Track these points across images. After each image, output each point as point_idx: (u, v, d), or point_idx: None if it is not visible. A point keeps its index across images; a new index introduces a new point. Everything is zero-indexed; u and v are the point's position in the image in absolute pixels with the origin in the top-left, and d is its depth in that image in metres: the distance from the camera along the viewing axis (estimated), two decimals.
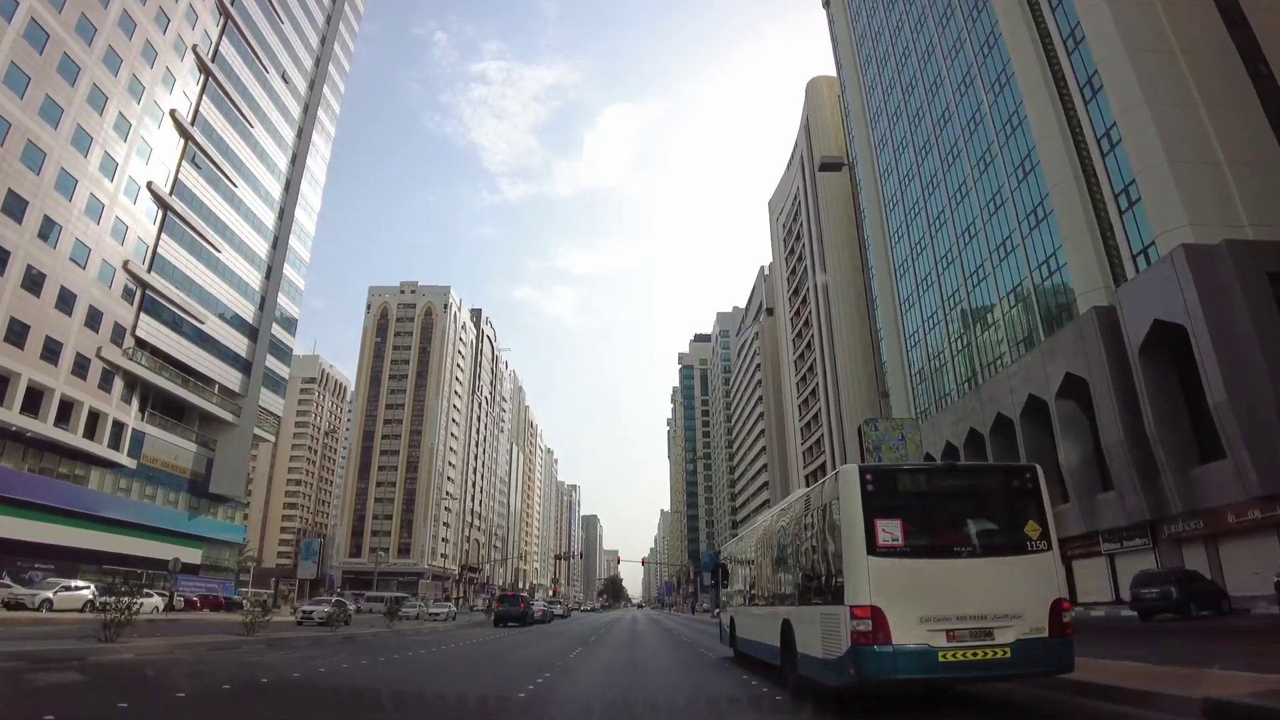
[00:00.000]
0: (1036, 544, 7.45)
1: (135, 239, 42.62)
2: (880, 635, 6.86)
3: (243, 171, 53.78)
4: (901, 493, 7.73)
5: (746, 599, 13.74)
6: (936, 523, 7.64)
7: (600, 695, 9.63)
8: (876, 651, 6.85)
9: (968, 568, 7.28)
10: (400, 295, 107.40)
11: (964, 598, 7.08)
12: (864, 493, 7.39)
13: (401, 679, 10.46)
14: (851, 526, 7.32)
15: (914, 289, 44.09)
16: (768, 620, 10.84)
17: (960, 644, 6.92)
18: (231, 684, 9.57)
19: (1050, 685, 8.19)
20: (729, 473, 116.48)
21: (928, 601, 7.03)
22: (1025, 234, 32.35)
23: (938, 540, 7.44)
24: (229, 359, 51.92)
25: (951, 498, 7.89)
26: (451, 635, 24.26)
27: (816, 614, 8.16)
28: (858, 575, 7.12)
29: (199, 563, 48.72)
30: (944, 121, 40.05)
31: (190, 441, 48.82)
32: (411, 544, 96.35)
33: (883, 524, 7.23)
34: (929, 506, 7.75)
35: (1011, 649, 6.92)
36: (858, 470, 7.61)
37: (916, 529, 7.36)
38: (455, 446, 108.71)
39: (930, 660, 6.86)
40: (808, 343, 68.76)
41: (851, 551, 7.26)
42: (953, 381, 38.79)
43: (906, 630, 6.90)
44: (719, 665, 14.01)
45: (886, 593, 6.98)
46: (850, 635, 6.99)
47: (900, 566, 7.12)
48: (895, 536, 7.21)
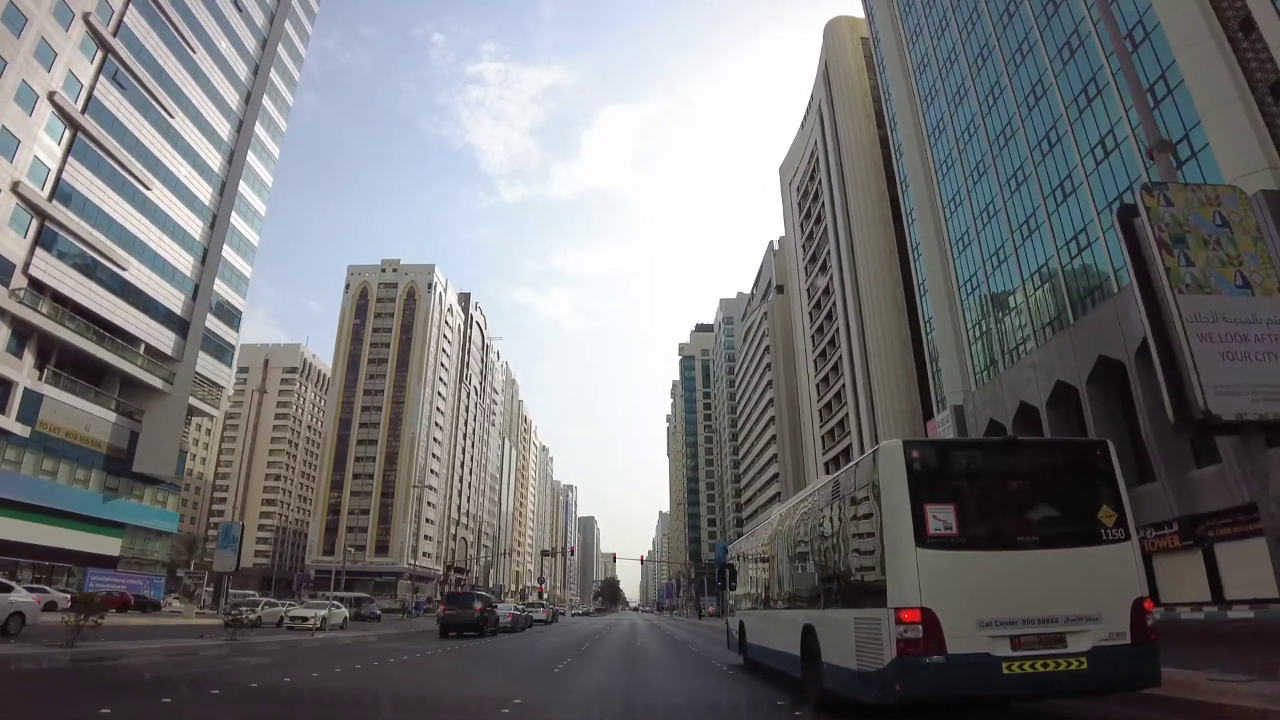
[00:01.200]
0: (1112, 532, 6.46)
1: (30, 158, 35.18)
2: (932, 643, 5.83)
3: (182, 102, 46.42)
4: (955, 472, 6.69)
5: (759, 602, 12.53)
6: (996, 508, 6.67)
7: None
8: (928, 663, 5.81)
9: (1034, 561, 6.27)
10: (381, 274, 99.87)
11: (1030, 597, 6.10)
12: (910, 472, 6.36)
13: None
14: (896, 514, 6.30)
15: (970, 225, 36.74)
16: (785, 626, 9.71)
17: (1027, 652, 5.93)
18: None
19: (1125, 701, 7.19)
20: (733, 467, 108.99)
21: (988, 602, 6.04)
22: (1134, 127, 25.08)
23: (998, 528, 6.46)
24: (160, 316, 44.42)
25: (1013, 478, 6.78)
26: (306, 659, 14.51)
27: (848, 619, 7.08)
28: (904, 572, 6.07)
29: (117, 554, 41.14)
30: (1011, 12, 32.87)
31: (108, 410, 41.26)
32: (390, 542, 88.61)
33: (934, 510, 6.21)
34: (987, 488, 6.74)
35: (1088, 658, 5.96)
36: (902, 446, 6.54)
37: (973, 515, 6.42)
38: (440, 438, 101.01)
39: (992, 673, 5.84)
40: (827, 313, 61.41)
41: (896, 544, 6.21)
42: (1029, 327, 31.40)
43: (963, 637, 5.90)
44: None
45: (939, 592, 5.96)
46: (895, 644, 5.92)
47: (955, 560, 6.12)
48: (949, 524, 6.19)
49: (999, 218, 34.20)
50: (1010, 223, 33.14)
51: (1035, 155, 31.29)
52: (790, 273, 76.85)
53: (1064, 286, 29.16)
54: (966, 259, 37.61)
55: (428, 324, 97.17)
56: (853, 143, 56.69)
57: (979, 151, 36.32)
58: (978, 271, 36.19)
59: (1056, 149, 29.78)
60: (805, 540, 9.27)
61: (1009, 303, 33.41)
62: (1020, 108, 32.42)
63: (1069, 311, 28.44)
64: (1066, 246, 29.10)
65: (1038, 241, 31.12)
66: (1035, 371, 29.66)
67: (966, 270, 37.53)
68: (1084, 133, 28.03)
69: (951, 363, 39.04)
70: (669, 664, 15.41)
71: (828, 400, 61.48)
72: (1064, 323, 28.70)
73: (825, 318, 62.07)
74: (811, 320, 65.98)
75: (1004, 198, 33.78)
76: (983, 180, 35.87)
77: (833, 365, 60.21)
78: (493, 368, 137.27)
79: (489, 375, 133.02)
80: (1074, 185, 28.60)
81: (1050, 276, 30.01)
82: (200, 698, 8.57)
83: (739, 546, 15.92)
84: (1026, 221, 31.90)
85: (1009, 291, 33.31)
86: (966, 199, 37.47)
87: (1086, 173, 27.71)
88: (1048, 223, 30.32)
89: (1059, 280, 29.43)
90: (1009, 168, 33.38)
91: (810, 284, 66.65)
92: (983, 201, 35.82)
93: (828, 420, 61.47)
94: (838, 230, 58.12)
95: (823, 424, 62.56)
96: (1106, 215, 26.46)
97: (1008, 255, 33.28)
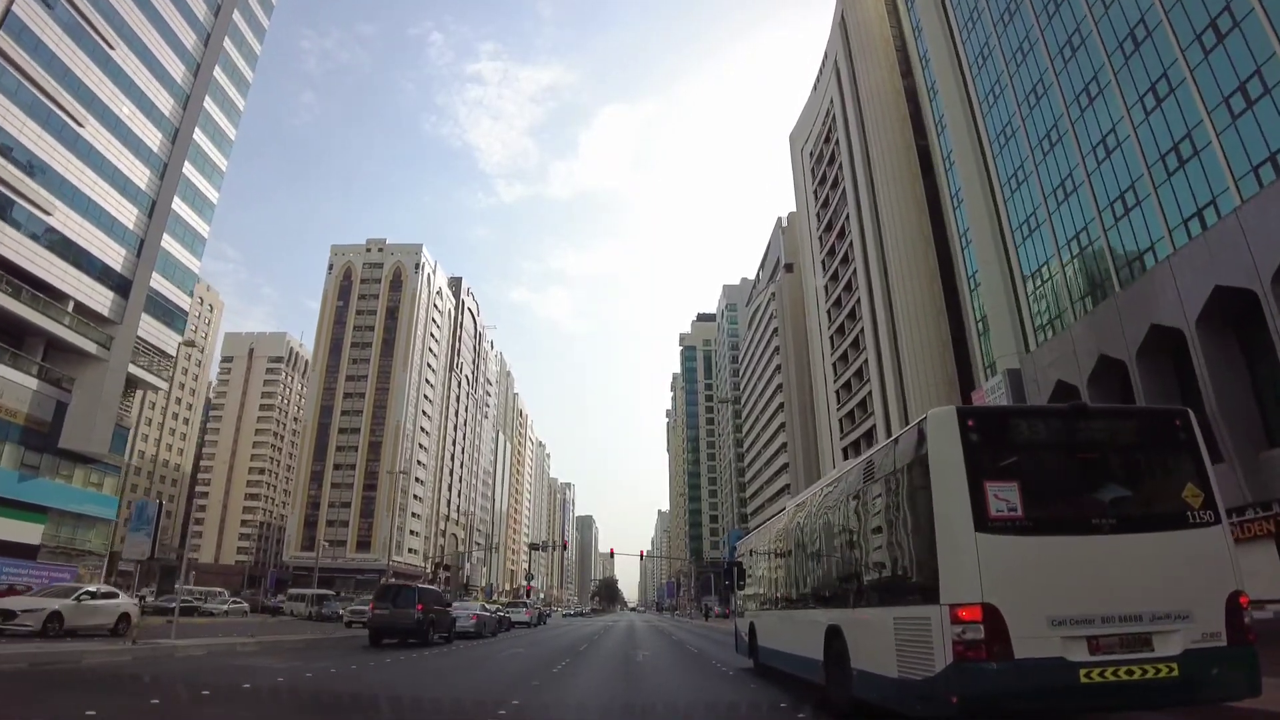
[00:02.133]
0: (1200, 514, 5.58)
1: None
2: (997, 646, 5.00)
3: (125, 33, 41.04)
4: (1018, 443, 5.78)
5: (774, 601, 11.50)
6: (1065, 485, 5.74)
7: None
8: (992, 670, 4.96)
9: (1111, 547, 5.37)
10: (366, 254, 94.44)
11: (1108, 590, 5.23)
12: (966, 444, 5.48)
13: None
14: (950, 493, 5.41)
15: (1026, 157, 31.44)
16: (805, 628, 8.91)
17: (1107, 657, 5.07)
18: None
19: (1219, 715, 6.10)
20: (737, 460, 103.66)
21: (1059, 596, 5.18)
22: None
23: (1068, 509, 5.56)
24: (95, 271, 39.04)
25: (1083, 450, 5.82)
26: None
27: (885, 619, 6.20)
28: (961, 562, 5.22)
29: (38, 542, 35.75)
30: None
31: (28, 375, 35.87)
32: (372, 537, 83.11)
33: (995, 488, 5.34)
34: (1054, 463, 5.86)
35: (1179, 664, 5.09)
36: (955, 414, 5.63)
37: (1039, 494, 5.49)
38: (428, 427, 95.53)
39: (1068, 681, 4.98)
40: (846, 284, 56.13)
41: (951, 529, 5.34)
42: (1108, 266, 26.06)
43: (1032, 638, 5.05)
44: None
45: (1003, 585, 5.11)
46: (951, 647, 5.07)
47: (1021, 547, 5.26)
48: (1013, 504, 5.32)
49: (1065, 141, 28.88)
50: (1081, 144, 27.82)
51: (1115, 59, 25.98)
52: (802, 247, 71.62)
53: (1157, 206, 23.83)
54: (1021, 198, 32.32)
55: (414, 306, 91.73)
56: (874, 94, 51.49)
57: (1037, 70, 31.02)
58: (1037, 209, 30.86)
59: (1146, 44, 24.48)
60: (831, 530, 8.35)
61: (1081, 240, 28.09)
62: (1093, 5, 27.12)
63: (1170, 237, 23.10)
64: (1163, 160, 23.79)
65: (1121, 161, 25.80)
66: (1121, 314, 24.38)
67: (1022, 210, 32.23)
68: (1184, 18, 22.76)
69: (1002, 321, 33.75)
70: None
71: (846, 379, 56.17)
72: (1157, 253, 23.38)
73: (844, 289, 56.78)
74: (827, 294, 60.68)
75: (1072, 117, 28.47)
76: (1043, 102, 30.56)
77: (852, 340, 54.91)
78: (486, 358, 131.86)
79: (482, 365, 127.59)
80: (1172, 84, 23.31)
81: (1142, 197, 24.66)
82: None
83: (749, 542, 14.79)
84: (1105, 139, 26.58)
85: (1082, 227, 27.95)
86: (1021, 128, 32.18)
87: (1192, 65, 22.41)
88: (1134, 136, 25.01)
89: (1152, 199, 24.09)
90: (1079, 80, 28.06)
91: (826, 254, 61.33)
92: (1043, 127, 30.52)
93: (846, 401, 56.14)
94: (858, 192, 52.89)
95: (840, 405, 57.22)
96: (1222, 113, 21.19)
97: (1079, 183, 27.95)
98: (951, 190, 38.73)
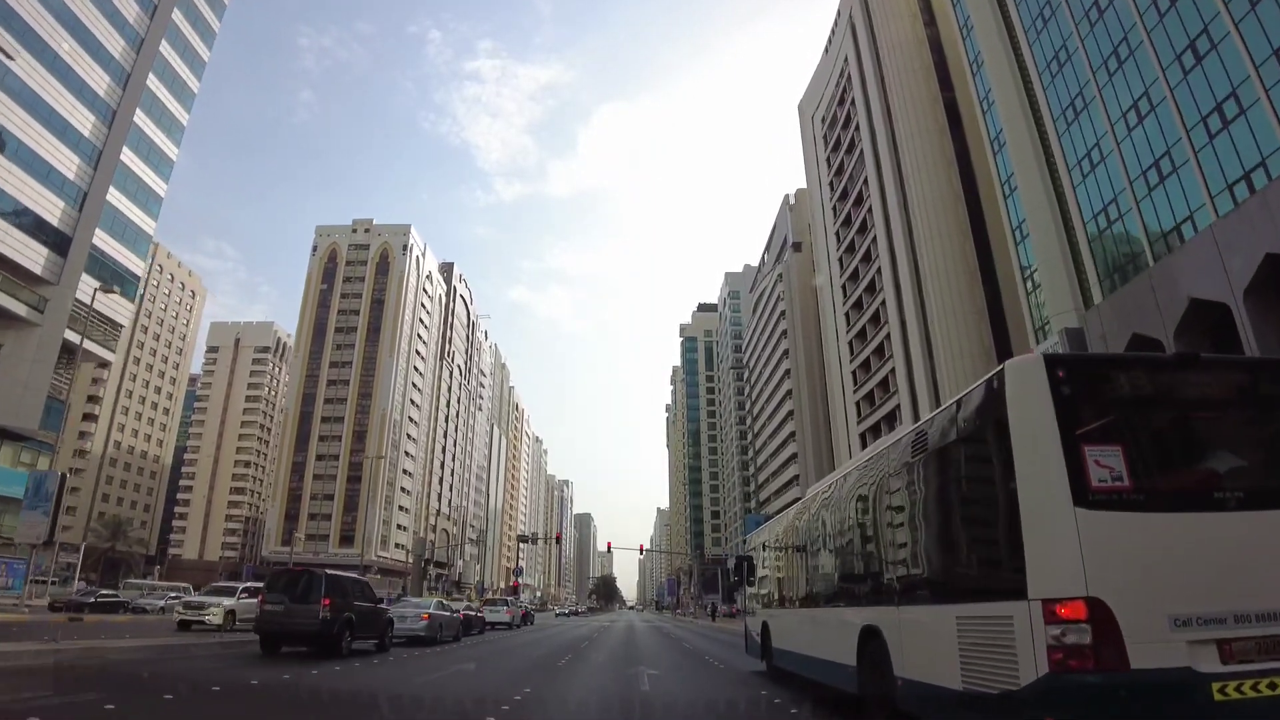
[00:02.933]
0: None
1: None
2: (1107, 651, 3.73)
3: None
4: (1120, 399, 4.45)
5: (791, 600, 10.37)
6: (1178, 451, 4.48)
7: None
8: (1102, 684, 3.71)
9: (1239, 527, 4.04)
10: (352, 235, 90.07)
11: (1241, 581, 3.93)
12: (1057, 398, 4.15)
13: None
14: (1038, 459, 4.09)
15: (1087, 82, 27.13)
16: (832, 628, 7.81)
17: (1246, 666, 3.77)
18: None
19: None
20: (740, 453, 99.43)
21: (1181, 589, 3.89)
22: None
23: (1185, 480, 4.29)
24: (26, 224, 34.76)
25: (1197, 409, 4.56)
26: None
27: (945, 619, 4.91)
28: (1057, 544, 3.92)
29: None
30: None
31: None
32: (356, 531, 78.74)
33: (1095, 452, 4.02)
34: (1163, 423, 4.53)
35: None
36: (1043, 363, 4.29)
37: (1148, 461, 4.25)
38: (416, 417, 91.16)
39: (1199, 696, 3.69)
40: (864, 254, 51.86)
41: (1040, 503, 4.04)
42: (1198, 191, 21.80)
43: (1151, 643, 3.78)
44: None
45: (1112, 574, 3.83)
46: (1046, 653, 3.81)
47: (1131, 526, 3.94)
48: (1118, 473, 4.00)
49: (1139, 54, 24.57)
50: (1161, 55, 23.51)
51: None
52: (814, 222, 67.39)
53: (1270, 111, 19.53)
54: (1080, 130, 28.02)
55: (402, 289, 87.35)
56: (896, 45, 47.33)
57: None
58: (1103, 139, 26.54)
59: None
60: (867, 517, 7.09)
61: (1162, 166, 23.74)
62: None
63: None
64: (1277, 56, 19.50)
65: (1217, 65, 21.49)
66: (1219, 246, 20.07)
67: (1082, 145, 27.92)
68: None
69: (1056, 276, 29.50)
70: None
71: (864, 358, 51.89)
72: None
73: (861, 260, 52.50)
74: (843, 267, 56.39)
75: (1148, 25, 24.17)
76: (1108, 14, 26.26)
77: (871, 315, 50.62)
78: (480, 348, 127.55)
79: (475, 355, 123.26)
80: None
81: (1246, 104, 20.34)
82: None
83: (761, 535, 13.80)
84: (1194, 43, 22.27)
85: (1164, 152, 23.61)
86: (1080, 48, 27.88)
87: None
88: (1234, 33, 20.73)
89: (1263, 105, 19.78)
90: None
91: (841, 224, 57.05)
92: (1109, 44, 26.22)
93: (864, 382, 51.85)
94: (878, 152, 48.63)
95: (857, 387, 52.93)
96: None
97: (1160, 98, 23.64)
98: (991, 134, 34.42)
